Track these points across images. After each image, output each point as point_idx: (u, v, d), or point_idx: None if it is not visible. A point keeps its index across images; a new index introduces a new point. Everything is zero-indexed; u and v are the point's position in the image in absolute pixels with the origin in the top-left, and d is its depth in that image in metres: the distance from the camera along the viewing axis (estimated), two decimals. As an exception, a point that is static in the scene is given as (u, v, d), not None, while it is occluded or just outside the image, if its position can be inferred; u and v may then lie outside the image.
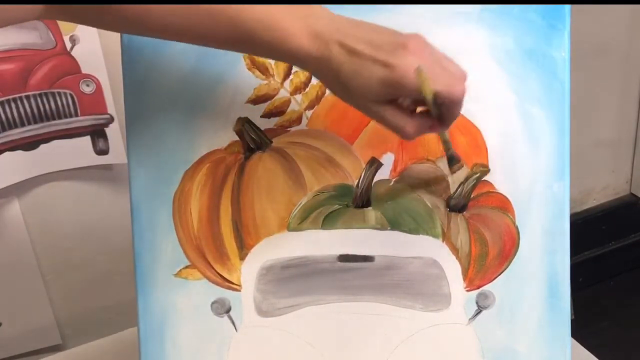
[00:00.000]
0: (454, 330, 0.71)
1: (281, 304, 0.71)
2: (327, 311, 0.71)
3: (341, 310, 0.71)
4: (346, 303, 0.71)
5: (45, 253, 1.06)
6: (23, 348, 1.10)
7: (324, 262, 0.71)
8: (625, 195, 1.66)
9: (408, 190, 0.71)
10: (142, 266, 0.71)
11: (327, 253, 0.71)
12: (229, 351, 0.71)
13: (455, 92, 0.57)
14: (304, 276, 0.71)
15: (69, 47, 0.94)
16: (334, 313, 0.71)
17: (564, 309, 0.71)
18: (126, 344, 0.84)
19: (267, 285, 0.71)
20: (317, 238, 0.71)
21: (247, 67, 0.71)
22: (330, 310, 0.71)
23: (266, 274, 0.71)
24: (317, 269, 0.71)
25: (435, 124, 0.59)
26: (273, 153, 0.72)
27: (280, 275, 0.71)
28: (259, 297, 0.71)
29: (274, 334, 0.71)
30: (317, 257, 0.71)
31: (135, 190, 0.71)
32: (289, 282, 0.71)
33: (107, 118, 0.99)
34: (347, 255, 0.71)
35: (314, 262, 0.71)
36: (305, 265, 0.71)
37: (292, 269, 0.71)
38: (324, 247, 0.71)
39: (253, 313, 0.71)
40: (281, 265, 0.71)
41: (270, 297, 0.71)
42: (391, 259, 0.70)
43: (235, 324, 0.71)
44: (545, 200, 0.71)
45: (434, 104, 0.57)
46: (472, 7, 0.70)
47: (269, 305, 0.71)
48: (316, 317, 0.71)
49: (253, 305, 0.71)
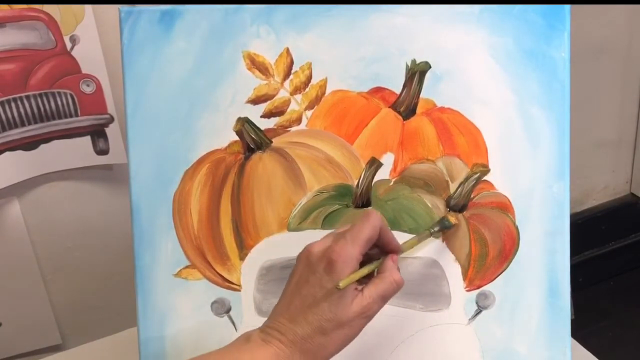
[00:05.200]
0: (454, 330, 0.71)
1: (281, 304, 0.71)
2: (327, 311, 0.71)
3: (341, 310, 0.71)
4: (346, 303, 0.71)
5: (45, 253, 1.06)
6: (23, 348, 1.10)
7: (324, 262, 0.71)
8: (625, 195, 1.66)
9: (408, 190, 0.71)
10: (142, 266, 0.71)
11: (327, 253, 0.71)
12: (229, 351, 0.71)
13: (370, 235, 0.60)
14: (304, 276, 0.71)
15: (69, 47, 0.94)
16: (334, 313, 0.71)
17: (564, 309, 0.71)
18: (126, 344, 0.83)
19: (267, 285, 0.71)
20: (317, 238, 0.71)
21: (247, 67, 0.71)
22: (330, 310, 0.71)
23: (266, 274, 0.71)
24: (317, 269, 0.71)
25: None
26: (273, 153, 0.72)
27: (280, 275, 0.71)
28: (259, 297, 0.71)
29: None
30: (317, 257, 0.71)
31: (135, 190, 0.71)
32: (289, 282, 0.71)
33: (107, 118, 0.99)
34: (347, 255, 0.71)
35: (314, 262, 0.71)
36: (305, 265, 0.71)
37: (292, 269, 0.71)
38: (324, 247, 0.71)
39: (253, 313, 0.71)
40: (281, 265, 0.71)
41: (270, 297, 0.71)
42: (391, 259, 0.70)
43: (235, 324, 0.71)
44: (545, 200, 0.71)
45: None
46: (472, 7, 0.71)
47: (269, 305, 0.71)
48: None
49: (253, 305, 0.71)
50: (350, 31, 0.71)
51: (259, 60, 0.71)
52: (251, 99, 0.72)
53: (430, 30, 0.71)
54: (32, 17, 0.91)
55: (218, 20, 0.71)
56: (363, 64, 0.71)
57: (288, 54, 0.71)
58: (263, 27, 0.71)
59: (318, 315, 0.57)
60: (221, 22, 0.71)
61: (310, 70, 0.72)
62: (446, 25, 0.71)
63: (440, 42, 0.71)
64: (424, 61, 0.71)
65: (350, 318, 0.57)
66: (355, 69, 0.71)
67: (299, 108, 0.72)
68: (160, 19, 0.71)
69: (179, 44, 0.71)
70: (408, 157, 0.72)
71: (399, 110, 0.72)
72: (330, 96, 0.72)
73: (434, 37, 0.71)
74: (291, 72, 0.72)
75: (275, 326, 0.58)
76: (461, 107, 0.71)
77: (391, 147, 0.72)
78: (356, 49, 0.71)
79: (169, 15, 0.71)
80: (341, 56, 0.71)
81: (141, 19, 0.71)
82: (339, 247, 0.57)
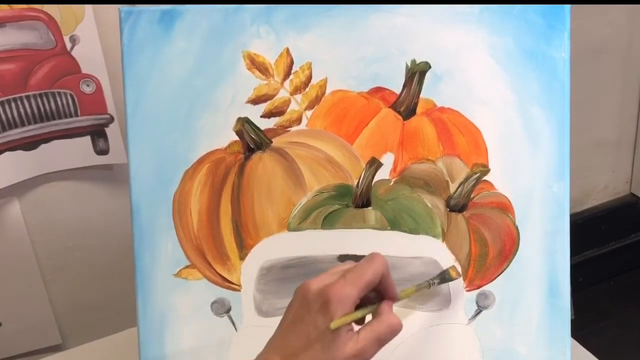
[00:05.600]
0: (454, 330, 0.71)
1: (281, 304, 0.71)
2: (327, 311, 0.71)
3: (341, 310, 0.71)
4: (346, 303, 0.71)
5: (45, 253, 1.06)
6: (23, 348, 1.10)
7: (324, 262, 0.71)
8: (625, 195, 1.66)
9: (408, 190, 0.71)
10: (142, 266, 0.71)
11: (327, 253, 0.71)
12: (229, 351, 0.71)
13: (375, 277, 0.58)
14: (304, 276, 0.70)
15: (69, 47, 0.94)
16: (334, 313, 0.71)
17: (564, 309, 0.71)
18: (126, 344, 0.83)
19: (267, 285, 0.71)
20: (317, 238, 0.71)
21: (247, 67, 0.71)
22: (330, 310, 0.71)
23: (266, 274, 0.71)
24: (317, 269, 0.71)
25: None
26: (273, 153, 0.72)
27: (280, 275, 0.71)
28: (259, 297, 0.71)
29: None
30: (317, 257, 0.71)
31: (135, 190, 0.71)
32: (289, 282, 0.71)
33: (107, 118, 0.99)
34: (347, 255, 0.71)
35: (314, 262, 0.71)
36: (305, 265, 0.71)
37: (292, 269, 0.71)
38: (324, 247, 0.71)
39: (253, 313, 0.71)
40: (281, 265, 0.71)
41: (271, 297, 0.71)
42: (391, 259, 0.70)
43: (235, 324, 0.71)
44: (545, 200, 0.71)
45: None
46: (472, 7, 0.71)
47: (269, 305, 0.71)
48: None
49: (253, 305, 0.71)
50: (350, 31, 0.71)
51: (259, 60, 0.71)
52: (251, 99, 0.72)
53: (430, 30, 0.71)
54: (32, 17, 0.91)
55: (218, 20, 0.71)
56: (363, 64, 0.71)
57: (288, 54, 0.71)
58: (263, 27, 0.71)
59: (310, 357, 0.55)
60: (221, 22, 0.71)
61: (310, 70, 0.72)
62: (446, 25, 0.71)
63: (440, 42, 0.71)
64: (424, 61, 0.71)
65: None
66: (355, 69, 0.71)
67: (299, 108, 0.72)
68: (160, 19, 0.71)
69: (179, 44, 0.71)
70: (408, 157, 0.72)
71: (399, 110, 0.72)
72: (330, 96, 0.72)
73: (434, 37, 0.71)
74: (291, 72, 0.72)
75: None
76: (461, 107, 0.71)
77: (391, 147, 0.72)
78: (356, 49, 0.71)
79: (169, 15, 0.71)
80: (341, 56, 0.71)
81: (141, 19, 0.71)
82: (337, 287, 0.56)
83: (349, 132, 0.72)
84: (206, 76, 0.71)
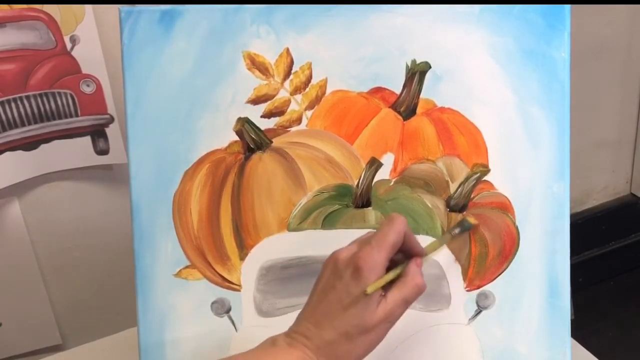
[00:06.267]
0: (454, 330, 0.71)
1: (281, 304, 0.71)
2: (327, 311, 0.71)
3: (341, 310, 0.71)
4: (346, 303, 0.71)
5: (45, 253, 1.06)
6: (23, 348, 1.10)
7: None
8: (625, 195, 1.66)
9: (408, 190, 0.71)
10: (142, 266, 0.71)
11: (327, 253, 0.71)
12: (229, 351, 0.71)
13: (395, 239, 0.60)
14: (304, 276, 0.71)
15: (69, 47, 0.94)
16: (334, 313, 0.71)
17: (564, 309, 0.71)
18: (126, 344, 0.83)
19: (267, 285, 0.71)
20: (317, 238, 0.71)
21: (247, 67, 0.71)
22: (330, 310, 0.71)
23: (266, 274, 0.71)
24: (317, 269, 0.70)
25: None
26: (273, 153, 0.72)
27: (280, 275, 0.71)
28: (259, 297, 0.71)
29: (274, 334, 0.70)
30: (317, 257, 0.71)
31: (135, 190, 0.71)
32: (289, 282, 0.71)
33: (107, 118, 0.99)
34: (347, 255, 0.71)
35: (314, 262, 0.71)
36: (305, 265, 0.71)
37: (292, 269, 0.71)
38: (324, 247, 0.71)
39: (253, 313, 0.71)
40: (281, 265, 0.71)
41: (271, 297, 0.71)
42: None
43: (235, 324, 0.71)
44: (545, 200, 0.71)
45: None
46: (472, 7, 0.71)
47: (269, 305, 0.71)
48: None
49: (253, 305, 0.71)
50: (350, 31, 0.71)
51: (259, 60, 0.71)
52: (251, 99, 0.72)
53: (430, 30, 0.71)
54: (32, 17, 0.91)
55: (218, 20, 0.71)
56: (363, 64, 0.71)
57: (288, 54, 0.71)
58: (263, 27, 0.71)
59: (344, 321, 0.57)
60: (221, 22, 0.71)
61: (310, 70, 0.72)
62: (446, 25, 0.71)
63: (440, 42, 0.71)
64: (424, 61, 0.71)
65: (375, 323, 0.57)
66: (355, 69, 0.71)
67: (299, 108, 0.72)
68: (160, 19, 0.71)
69: (179, 44, 0.71)
70: (408, 157, 0.72)
71: (399, 111, 0.72)
72: (330, 96, 0.72)
73: (434, 37, 0.71)
74: (291, 72, 0.72)
75: (301, 331, 0.58)
76: (461, 107, 0.71)
77: (391, 147, 0.72)
78: (356, 49, 0.71)
79: (169, 15, 0.71)
80: (341, 56, 0.71)
81: (141, 19, 0.71)
82: (365, 253, 0.58)
83: (349, 132, 0.72)
84: (206, 76, 0.71)
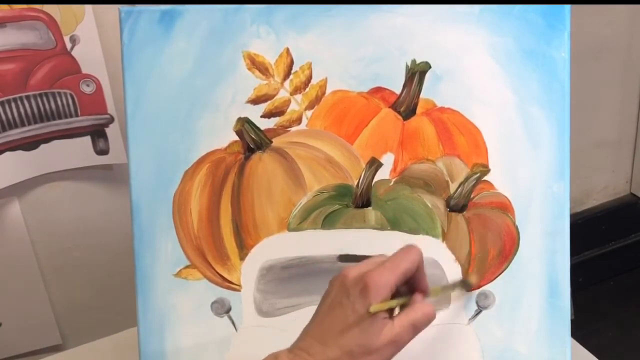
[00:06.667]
0: (454, 330, 0.71)
1: (281, 304, 0.71)
2: (327, 311, 0.71)
3: (341, 310, 0.71)
4: (346, 303, 0.71)
5: (45, 253, 1.06)
6: (23, 348, 1.10)
7: (324, 262, 0.71)
8: (625, 195, 1.66)
9: (408, 190, 0.71)
10: (142, 266, 0.71)
11: (327, 253, 0.71)
12: (229, 351, 0.71)
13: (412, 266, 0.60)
14: (304, 276, 0.71)
15: (69, 47, 0.94)
16: (334, 313, 0.71)
17: (564, 309, 0.71)
18: (126, 344, 0.83)
19: (267, 285, 0.71)
20: (317, 238, 0.71)
21: (247, 67, 0.71)
22: (330, 310, 0.71)
23: (266, 274, 0.71)
24: (317, 269, 0.71)
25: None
26: (273, 153, 0.72)
27: (280, 275, 0.71)
28: (259, 297, 0.71)
29: (274, 334, 0.71)
30: (317, 257, 0.71)
31: (135, 190, 0.71)
32: (289, 282, 0.71)
33: (107, 118, 0.99)
34: (347, 255, 0.71)
35: (314, 262, 0.71)
36: (305, 265, 0.71)
37: (292, 269, 0.71)
38: (324, 247, 0.71)
39: (253, 313, 0.71)
40: (281, 266, 0.71)
41: (271, 297, 0.71)
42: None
43: (235, 324, 0.71)
44: (545, 200, 0.71)
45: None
46: (472, 7, 0.71)
47: (269, 306, 0.71)
48: (316, 317, 0.71)
49: (253, 305, 0.71)
50: (350, 31, 0.71)
51: (259, 60, 0.71)
52: (251, 99, 0.72)
53: (430, 30, 0.71)
54: (32, 17, 0.91)
55: (218, 20, 0.71)
56: (363, 64, 0.71)
57: (288, 54, 0.71)
58: (263, 27, 0.71)
59: (349, 340, 0.56)
60: (221, 22, 0.71)
61: (310, 70, 0.72)
62: (446, 25, 0.71)
63: (440, 42, 0.71)
64: (424, 61, 0.71)
65: (379, 346, 0.56)
66: (355, 69, 0.71)
67: (299, 108, 0.72)
68: (160, 19, 0.71)
69: (179, 44, 0.71)
70: (408, 157, 0.72)
71: (399, 110, 0.72)
72: (330, 96, 0.72)
73: (434, 37, 0.71)
74: (291, 72, 0.72)
75: (304, 347, 0.58)
76: (461, 107, 0.71)
77: (391, 147, 0.72)
78: (356, 49, 0.71)
79: (169, 15, 0.71)
80: (341, 56, 0.71)
81: (141, 19, 0.71)
82: (376, 273, 0.57)
83: (349, 132, 0.72)
84: (206, 76, 0.71)
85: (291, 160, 0.72)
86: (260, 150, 0.72)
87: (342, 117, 0.72)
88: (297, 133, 0.72)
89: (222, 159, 0.72)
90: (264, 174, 0.71)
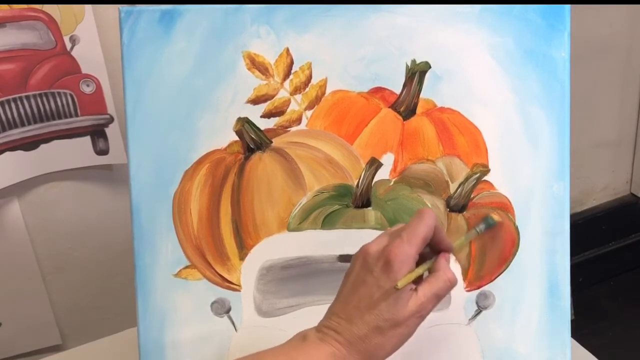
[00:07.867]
0: (454, 330, 0.71)
1: (281, 304, 0.71)
2: (327, 311, 0.71)
3: (341, 310, 0.71)
4: (346, 303, 0.71)
5: (45, 253, 1.06)
6: (23, 348, 1.10)
7: (324, 262, 0.71)
8: (625, 195, 1.66)
9: (408, 190, 0.71)
10: (142, 266, 0.71)
11: (327, 253, 0.71)
12: (229, 351, 0.71)
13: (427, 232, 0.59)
14: (304, 276, 0.71)
15: (69, 47, 0.94)
16: (334, 313, 0.71)
17: (564, 309, 0.71)
18: (126, 344, 0.83)
19: (267, 285, 0.71)
20: (317, 238, 0.71)
21: (247, 67, 0.71)
22: (330, 310, 0.71)
23: (266, 274, 0.71)
24: (317, 269, 0.71)
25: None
26: (273, 153, 0.72)
27: (280, 276, 0.71)
28: (259, 297, 0.71)
29: (274, 334, 0.71)
30: (317, 257, 0.71)
31: (135, 190, 0.71)
32: (289, 282, 0.71)
33: (107, 118, 0.99)
34: (347, 255, 0.71)
35: (314, 262, 0.71)
36: (305, 265, 0.71)
37: (292, 269, 0.71)
38: (324, 247, 0.71)
39: (253, 313, 0.71)
40: (281, 266, 0.71)
41: (271, 297, 0.71)
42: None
43: (235, 324, 0.71)
44: (545, 200, 0.71)
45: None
46: (472, 7, 0.71)
47: (269, 306, 0.71)
48: (316, 317, 0.70)
49: (253, 305, 0.71)
50: (350, 31, 0.71)
51: (259, 60, 0.71)
52: (251, 99, 0.72)
53: (430, 30, 0.71)
54: (32, 17, 0.92)
55: (218, 20, 0.71)
56: (363, 64, 0.71)
57: (288, 54, 0.71)
58: (263, 27, 0.71)
59: (375, 315, 0.57)
60: (221, 22, 0.71)
61: (310, 70, 0.72)
62: (446, 25, 0.71)
63: (440, 42, 0.71)
64: (424, 61, 0.71)
65: (406, 317, 0.57)
66: (355, 69, 0.71)
67: (299, 108, 0.72)
68: (160, 19, 0.71)
69: (179, 44, 0.71)
70: (408, 157, 0.72)
71: (399, 110, 0.72)
72: (330, 96, 0.72)
73: (434, 37, 0.71)
74: (291, 72, 0.72)
75: (331, 325, 0.58)
76: (461, 107, 0.71)
77: (391, 147, 0.72)
78: (356, 49, 0.71)
79: (169, 15, 0.71)
80: (341, 56, 0.71)
81: (141, 19, 0.71)
82: (395, 246, 0.57)
83: (349, 132, 0.72)
84: (206, 76, 0.71)
85: (291, 160, 0.72)
86: (260, 150, 0.72)
87: (342, 117, 0.72)
88: (297, 133, 0.72)
89: (222, 159, 0.72)
90: (263, 174, 0.71)
